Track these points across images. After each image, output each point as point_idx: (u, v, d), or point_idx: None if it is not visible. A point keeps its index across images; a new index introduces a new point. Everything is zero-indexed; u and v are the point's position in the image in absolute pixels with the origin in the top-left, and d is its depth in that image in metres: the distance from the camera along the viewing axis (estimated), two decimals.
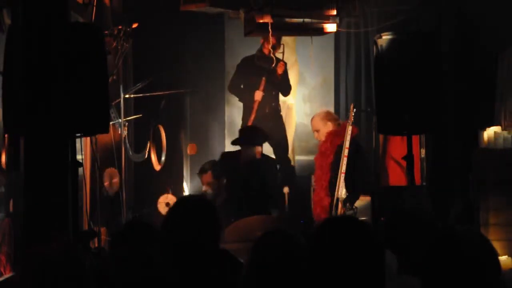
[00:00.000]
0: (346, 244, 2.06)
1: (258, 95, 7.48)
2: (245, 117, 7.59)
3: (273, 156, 7.64)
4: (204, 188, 6.02)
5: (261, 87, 7.51)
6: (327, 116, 6.56)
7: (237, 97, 7.83)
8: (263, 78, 7.51)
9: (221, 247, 3.20)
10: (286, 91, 7.82)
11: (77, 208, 4.05)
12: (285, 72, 7.70)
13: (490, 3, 6.49)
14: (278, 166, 7.14)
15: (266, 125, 7.48)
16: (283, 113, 7.91)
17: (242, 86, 7.70)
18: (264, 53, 7.51)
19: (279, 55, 7.61)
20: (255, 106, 7.46)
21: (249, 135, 6.67)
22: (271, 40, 7.43)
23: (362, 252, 2.05)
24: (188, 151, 8.04)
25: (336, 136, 6.40)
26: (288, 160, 7.77)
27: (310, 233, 2.14)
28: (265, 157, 6.79)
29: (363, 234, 2.09)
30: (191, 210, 3.12)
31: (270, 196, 6.56)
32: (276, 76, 7.58)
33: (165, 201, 6.79)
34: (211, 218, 3.12)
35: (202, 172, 6.98)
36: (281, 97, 7.81)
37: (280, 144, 7.70)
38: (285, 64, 7.72)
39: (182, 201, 3.31)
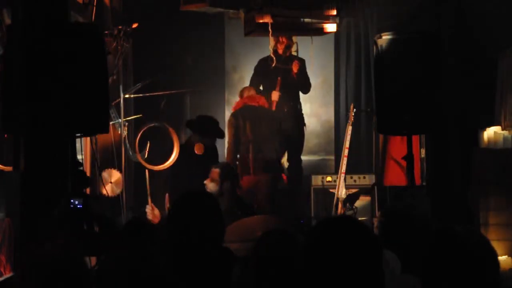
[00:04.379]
0: (344, 244, 2.06)
1: (275, 95, 7.53)
2: None
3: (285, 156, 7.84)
4: (206, 181, 5.99)
5: (277, 87, 7.54)
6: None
7: None
8: (279, 78, 7.54)
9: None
10: (306, 88, 7.84)
11: (77, 208, 4.05)
12: (302, 70, 7.71)
13: (490, 4, 6.49)
14: None
15: (285, 124, 7.50)
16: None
17: (261, 88, 7.75)
18: (277, 53, 7.54)
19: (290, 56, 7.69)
20: (273, 106, 7.49)
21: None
22: (283, 40, 7.46)
23: (360, 252, 2.05)
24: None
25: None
26: (300, 160, 7.79)
27: (308, 233, 2.14)
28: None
29: (361, 234, 2.09)
30: (196, 205, 3.12)
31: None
32: (292, 75, 7.60)
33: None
34: (216, 214, 3.12)
35: (212, 168, 6.87)
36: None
37: (296, 144, 7.72)
38: (302, 62, 7.73)
39: (187, 196, 3.29)
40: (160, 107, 7.51)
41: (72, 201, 4.04)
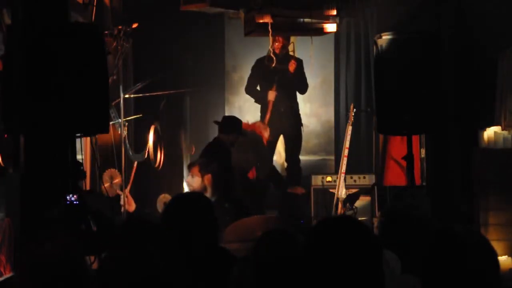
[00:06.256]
0: (344, 244, 2.06)
1: (271, 95, 7.54)
2: (261, 117, 7.65)
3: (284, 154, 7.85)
4: (188, 179, 5.98)
5: (274, 87, 7.54)
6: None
7: (253, 98, 7.86)
8: (275, 78, 7.53)
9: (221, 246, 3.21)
10: (302, 89, 7.83)
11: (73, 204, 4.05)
12: (299, 70, 7.71)
13: (490, 4, 6.49)
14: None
15: (282, 124, 7.51)
16: None
17: (258, 88, 7.75)
18: (275, 53, 7.54)
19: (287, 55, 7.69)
20: (270, 106, 7.51)
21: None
22: (279, 40, 7.47)
23: (360, 252, 2.05)
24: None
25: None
26: (298, 160, 7.80)
27: (308, 233, 2.14)
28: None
29: (361, 234, 2.09)
30: (189, 206, 3.13)
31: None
32: (289, 75, 7.60)
33: (163, 201, 6.75)
34: (208, 214, 3.13)
35: (190, 165, 6.97)
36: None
37: (293, 143, 7.73)
38: (299, 62, 7.73)
39: (179, 197, 3.32)
40: (160, 107, 7.51)
41: (68, 197, 4.04)
